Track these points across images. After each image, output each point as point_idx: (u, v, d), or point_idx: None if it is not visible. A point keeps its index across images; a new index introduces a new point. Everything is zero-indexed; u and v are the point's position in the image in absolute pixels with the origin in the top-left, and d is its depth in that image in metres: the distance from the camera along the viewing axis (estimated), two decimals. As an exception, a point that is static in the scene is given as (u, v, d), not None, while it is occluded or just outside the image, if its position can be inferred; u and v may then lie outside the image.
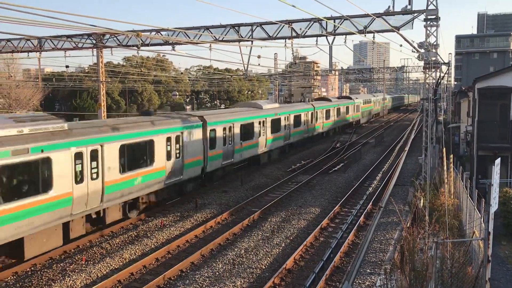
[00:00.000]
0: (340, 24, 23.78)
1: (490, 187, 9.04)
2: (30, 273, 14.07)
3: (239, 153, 27.03)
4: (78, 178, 15.33)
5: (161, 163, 19.55)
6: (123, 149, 17.33)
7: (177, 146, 20.65)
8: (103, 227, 17.58)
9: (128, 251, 15.75)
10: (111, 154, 16.71)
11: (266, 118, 31.03)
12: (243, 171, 27.80)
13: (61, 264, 14.57)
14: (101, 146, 16.31)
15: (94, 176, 15.97)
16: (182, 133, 20.99)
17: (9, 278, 13.68)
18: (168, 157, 20.03)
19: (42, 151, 14.01)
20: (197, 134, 22.39)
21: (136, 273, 14.13)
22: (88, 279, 13.66)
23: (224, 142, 25.11)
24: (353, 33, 23.87)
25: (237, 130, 26.54)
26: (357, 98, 61.80)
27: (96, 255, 15.52)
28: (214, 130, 23.95)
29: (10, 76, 52.32)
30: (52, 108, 71.25)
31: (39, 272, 14.03)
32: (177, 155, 20.65)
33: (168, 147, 20.04)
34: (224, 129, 25.14)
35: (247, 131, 28.12)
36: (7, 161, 13.06)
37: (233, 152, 26.23)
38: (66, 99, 69.99)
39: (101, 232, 17.42)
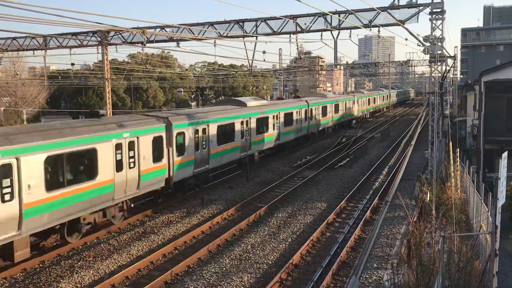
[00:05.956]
0: (345, 18, 23.73)
1: (497, 181, 9.00)
2: (38, 269, 14.19)
3: (215, 159, 23.76)
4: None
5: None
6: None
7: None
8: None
9: (135, 247, 15.84)
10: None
11: (250, 118, 27.71)
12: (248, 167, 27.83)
13: (69, 261, 14.68)
14: None
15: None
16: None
17: (18, 274, 13.81)
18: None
19: None
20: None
21: (144, 269, 14.22)
22: (96, 275, 13.76)
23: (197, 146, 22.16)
24: (358, 27, 23.80)
25: (213, 131, 23.42)
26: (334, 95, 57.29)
27: (104, 251, 15.61)
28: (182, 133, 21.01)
29: (16, 74, 52.54)
30: (58, 105, 71.55)
31: (47, 269, 14.14)
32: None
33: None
34: (196, 131, 21.99)
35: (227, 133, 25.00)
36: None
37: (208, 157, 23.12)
38: (71, 97, 70.22)
39: (108, 229, 17.53)
